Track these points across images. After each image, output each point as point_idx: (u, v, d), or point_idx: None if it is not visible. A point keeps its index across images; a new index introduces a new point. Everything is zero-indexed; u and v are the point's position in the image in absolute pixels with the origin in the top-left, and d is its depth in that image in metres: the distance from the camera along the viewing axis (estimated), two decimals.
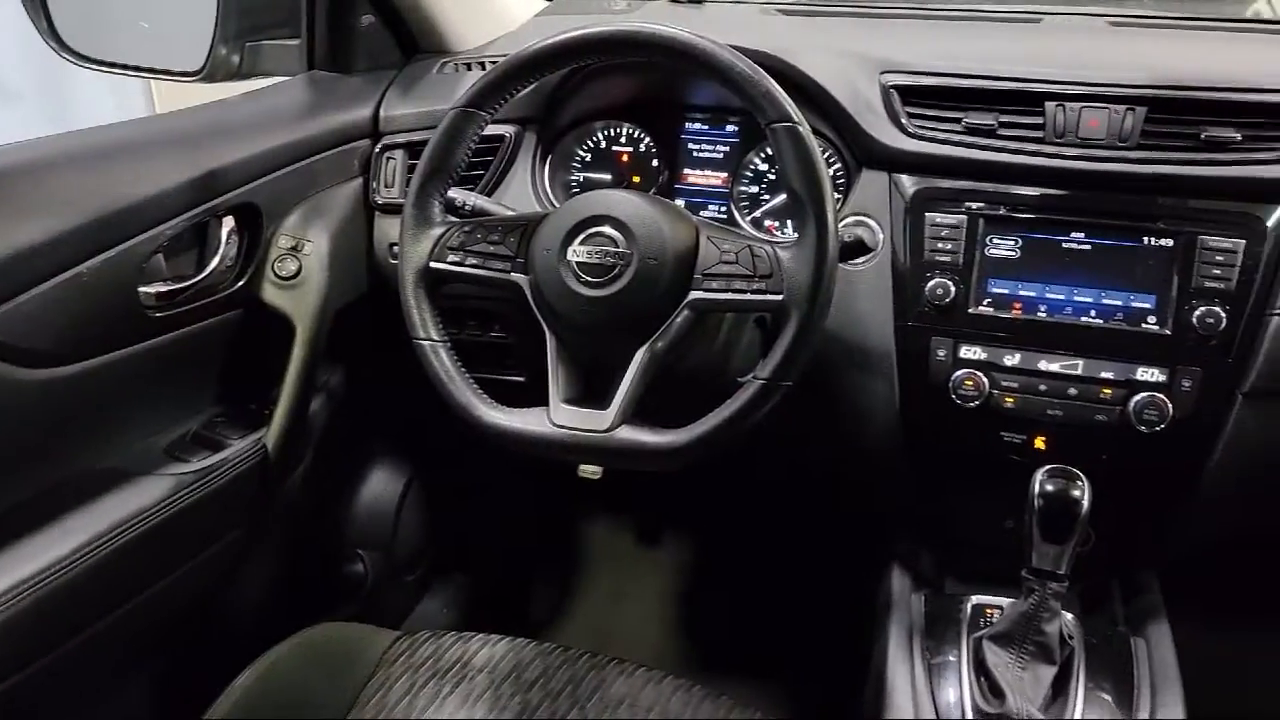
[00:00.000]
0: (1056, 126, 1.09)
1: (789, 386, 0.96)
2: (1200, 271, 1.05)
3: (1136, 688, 1.02)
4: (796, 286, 0.95)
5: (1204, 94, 1.07)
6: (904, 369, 1.15)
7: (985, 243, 1.12)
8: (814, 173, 0.94)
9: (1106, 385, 1.08)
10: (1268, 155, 1.04)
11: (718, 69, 0.96)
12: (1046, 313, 1.10)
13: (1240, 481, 1.09)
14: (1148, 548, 1.22)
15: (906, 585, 1.21)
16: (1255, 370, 1.05)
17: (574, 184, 1.35)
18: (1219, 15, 1.33)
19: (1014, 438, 1.13)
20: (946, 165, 1.13)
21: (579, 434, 0.97)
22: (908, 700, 1.02)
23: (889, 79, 1.16)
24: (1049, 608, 1.00)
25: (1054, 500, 0.99)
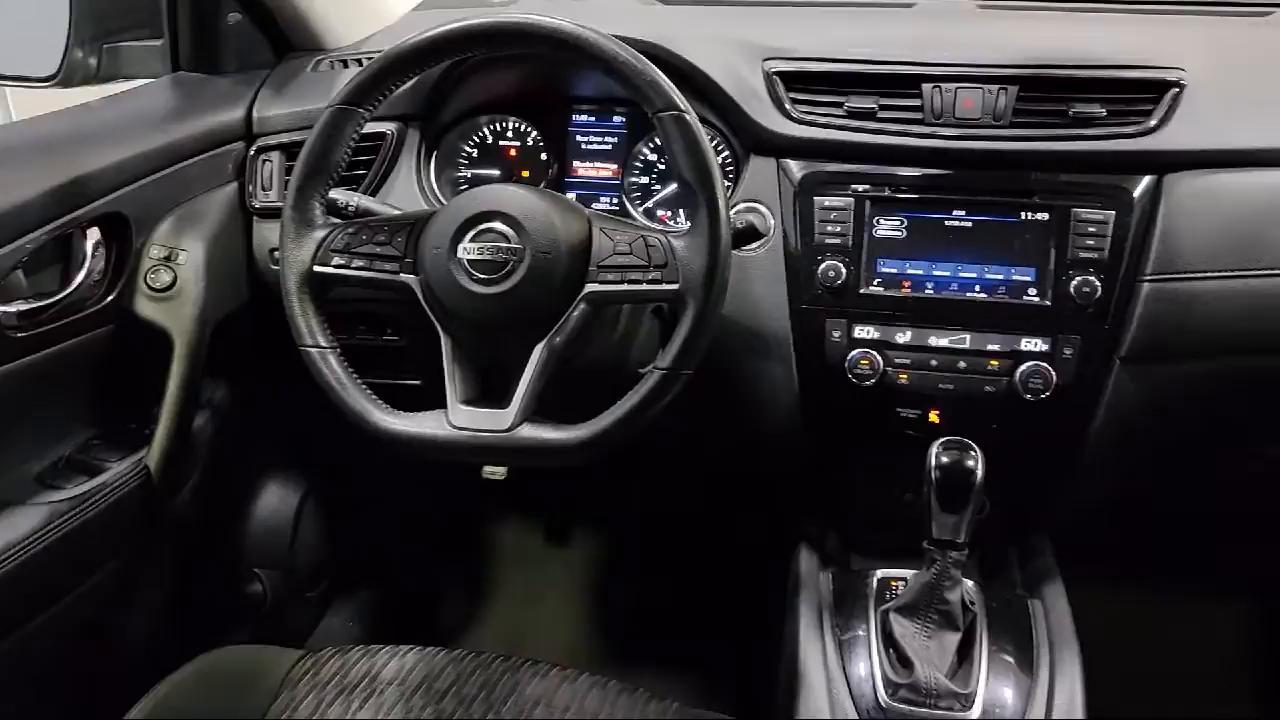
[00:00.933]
0: (934, 108, 1.12)
1: (689, 375, 0.96)
2: (1075, 243, 1.09)
3: (1036, 648, 1.06)
4: (691, 275, 0.95)
5: (1071, 72, 1.11)
6: (801, 351, 1.17)
7: (872, 224, 1.14)
8: (703, 161, 0.94)
9: (993, 357, 1.11)
10: (1131, 129, 1.09)
11: (602, 59, 0.95)
12: (934, 289, 1.13)
13: (1121, 443, 1.14)
14: (1040, 512, 1.27)
15: (814, 564, 1.22)
16: (1130, 335, 1.09)
17: (461, 180, 1.32)
18: None
19: (909, 413, 1.16)
20: (831, 149, 1.14)
21: (479, 435, 0.95)
22: (820, 677, 1.03)
23: (772, 65, 1.17)
24: (950, 576, 1.03)
25: (950, 471, 1.01)
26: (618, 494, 1.81)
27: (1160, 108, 1.09)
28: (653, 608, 1.79)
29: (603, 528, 1.88)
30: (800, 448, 1.23)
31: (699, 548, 1.78)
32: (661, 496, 1.79)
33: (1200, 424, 1.19)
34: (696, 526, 1.79)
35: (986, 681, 1.00)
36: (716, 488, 1.69)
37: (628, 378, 0.98)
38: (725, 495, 1.70)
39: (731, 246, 0.98)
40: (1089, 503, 1.25)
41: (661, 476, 1.74)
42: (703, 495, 1.74)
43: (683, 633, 1.72)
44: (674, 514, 1.80)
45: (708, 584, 1.74)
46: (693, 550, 1.78)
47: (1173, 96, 1.09)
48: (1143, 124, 1.09)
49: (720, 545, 1.75)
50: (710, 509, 1.75)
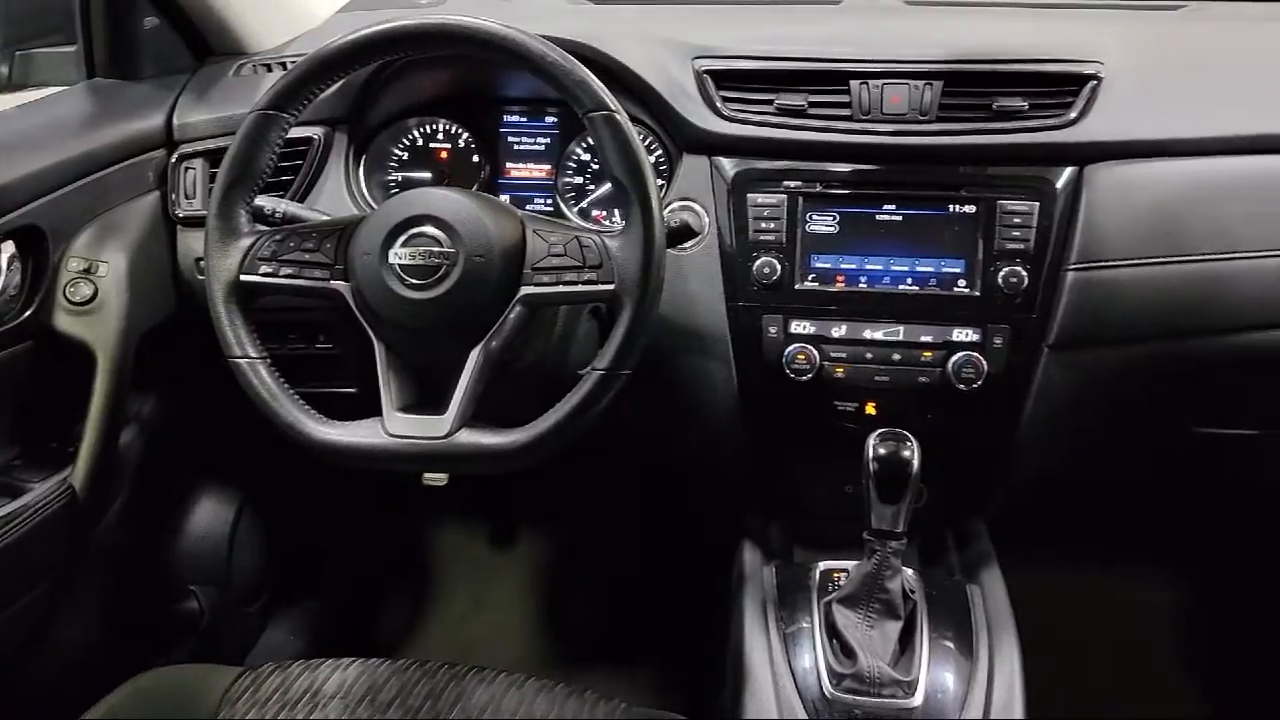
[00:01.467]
0: (862, 104, 1.13)
1: (628, 374, 0.96)
2: (1001, 235, 1.11)
3: (975, 632, 1.08)
4: (627, 275, 0.95)
5: (993, 66, 1.14)
6: (739, 348, 1.17)
7: (805, 220, 1.15)
8: (635, 160, 0.94)
9: (926, 349, 1.13)
10: (1052, 121, 1.11)
11: (529, 59, 0.95)
12: (867, 284, 1.14)
13: (1051, 428, 1.17)
14: (975, 498, 1.29)
15: (757, 559, 1.23)
16: (1057, 323, 1.12)
17: (392, 184, 1.30)
18: None
19: (846, 406, 1.17)
20: (763, 146, 1.15)
21: (417, 442, 0.94)
22: (765, 670, 1.04)
23: (702, 64, 1.18)
24: (890, 565, 1.04)
25: (887, 462, 1.03)
26: (562, 495, 1.81)
27: (1079, 100, 1.12)
28: (601, 609, 1.79)
29: (548, 530, 1.87)
30: (741, 443, 1.24)
31: (645, 546, 1.78)
32: (606, 496, 1.78)
33: (1126, 407, 1.23)
34: (642, 525, 1.79)
35: (928, 668, 1.02)
36: (659, 486, 1.69)
37: (567, 379, 0.98)
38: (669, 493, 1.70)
39: (666, 245, 0.99)
40: (1022, 487, 1.27)
41: (605, 476, 1.73)
42: (646, 494, 1.74)
43: (632, 632, 1.72)
44: (619, 513, 1.80)
45: (656, 582, 1.74)
46: (639, 549, 1.79)
47: (1091, 89, 1.12)
48: (1063, 116, 1.11)
49: (666, 543, 1.76)
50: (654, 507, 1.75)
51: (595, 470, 1.69)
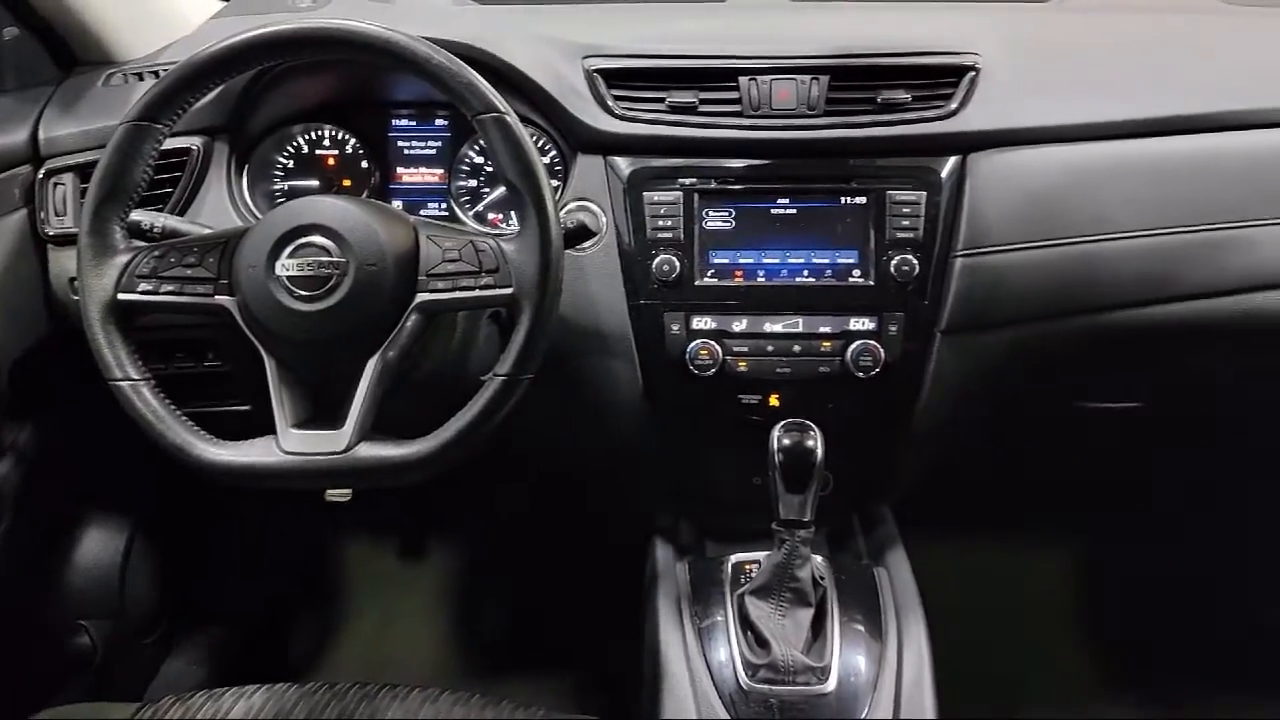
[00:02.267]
0: (752, 100, 1.14)
1: (531, 378, 0.95)
2: (892, 224, 1.14)
3: (884, 614, 1.10)
4: (525, 278, 0.94)
5: (877, 60, 1.16)
6: (642, 346, 1.17)
7: (702, 216, 1.15)
8: (527, 162, 0.93)
9: (825, 339, 1.15)
10: (934, 113, 1.14)
11: (413, 63, 0.93)
12: (765, 277, 1.16)
13: (946, 411, 1.20)
14: (879, 483, 1.32)
15: (670, 556, 1.23)
16: (948, 309, 1.15)
17: (278, 194, 1.26)
18: None
19: (750, 399, 1.18)
20: (656, 144, 1.16)
21: (313, 459, 0.92)
22: (681, 667, 1.04)
23: (592, 63, 1.17)
24: (800, 554, 1.05)
25: (791, 452, 1.04)
26: (471, 503, 1.78)
27: (959, 92, 1.15)
28: (515, 616, 1.77)
29: (458, 539, 1.84)
30: (648, 441, 1.24)
31: (557, 550, 1.77)
32: (515, 501, 1.77)
33: (1016, 386, 1.27)
34: (553, 529, 1.78)
35: (840, 652, 1.03)
36: (569, 488, 1.68)
37: (469, 386, 0.97)
38: (579, 495, 1.69)
39: (564, 246, 0.98)
40: (922, 469, 1.31)
41: (514, 481, 1.72)
42: (557, 497, 1.73)
43: (548, 638, 1.71)
44: (530, 518, 1.78)
45: (569, 586, 1.73)
46: (551, 553, 1.77)
47: (970, 80, 1.15)
48: (945, 107, 1.14)
49: (578, 545, 1.75)
50: (565, 510, 1.74)
51: (504, 475, 1.67)
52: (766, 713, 0.99)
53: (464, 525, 1.86)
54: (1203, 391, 1.41)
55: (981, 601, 1.65)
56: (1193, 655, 1.64)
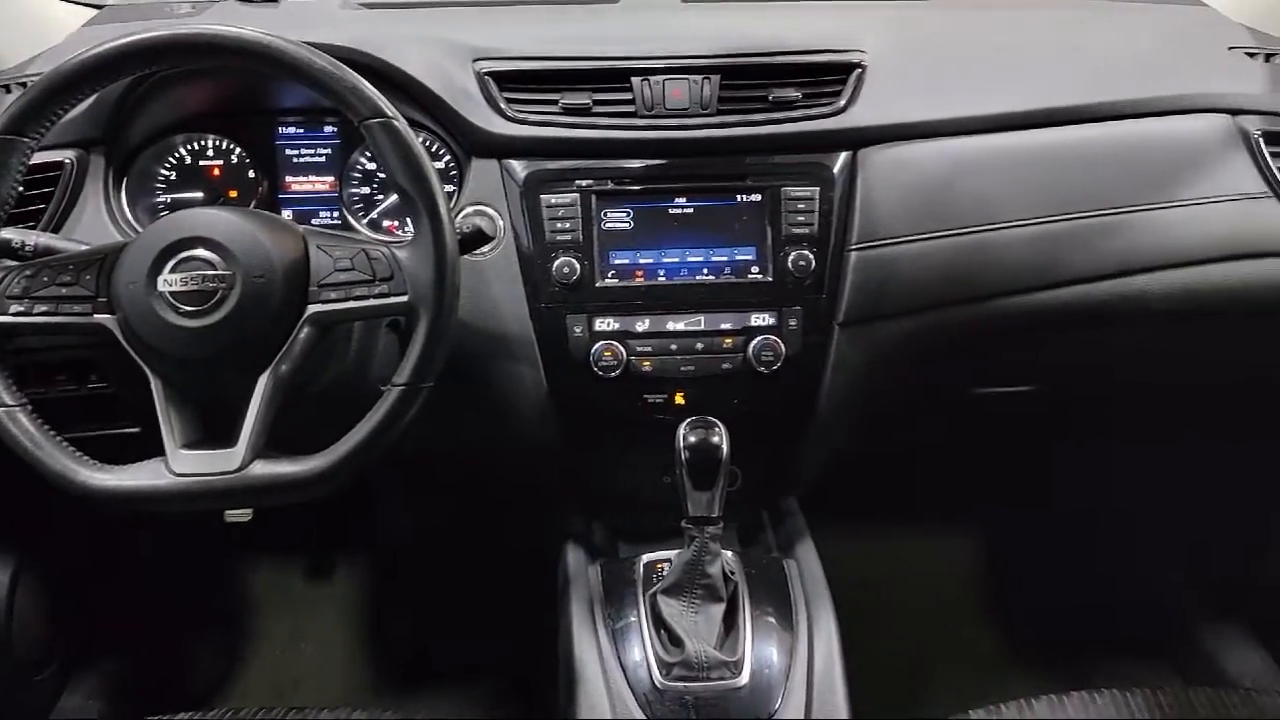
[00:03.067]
0: (645, 100, 1.15)
1: (431, 386, 0.93)
2: (787, 220, 1.15)
3: (794, 606, 1.11)
4: (420, 285, 0.92)
5: (767, 59, 1.18)
6: (545, 349, 1.17)
7: (600, 217, 1.15)
8: (418, 167, 0.92)
9: (727, 335, 1.16)
10: (824, 110, 1.17)
11: (294, 68, 0.91)
12: (666, 276, 1.16)
13: (847, 401, 1.22)
14: (786, 476, 1.34)
15: (581, 559, 1.23)
16: (845, 301, 1.17)
17: (160, 207, 1.22)
18: None
19: (656, 398, 1.18)
20: (551, 146, 1.15)
21: (206, 480, 0.89)
22: (596, 669, 1.04)
23: (483, 66, 1.16)
24: (710, 550, 1.06)
25: (697, 450, 1.04)
26: (378, 515, 1.75)
27: (847, 89, 1.17)
28: (429, 627, 1.74)
29: (366, 553, 1.81)
30: (556, 445, 1.24)
31: (469, 558, 1.75)
32: (424, 511, 1.74)
33: (913, 375, 1.30)
34: (464, 537, 1.75)
35: (752, 645, 1.04)
36: (478, 495, 1.66)
37: (369, 397, 0.94)
38: (488, 501, 1.67)
39: (460, 251, 0.97)
40: (827, 460, 1.33)
41: (421, 491, 1.69)
42: (466, 505, 1.71)
43: (462, 648, 1.68)
44: (440, 527, 1.76)
45: (483, 594, 1.71)
46: (463, 562, 1.75)
47: (856, 77, 1.18)
48: (834, 104, 1.17)
49: (490, 552, 1.73)
50: (474, 517, 1.72)
51: (412, 485, 1.65)
52: (682, 710, 0.99)
53: (372, 538, 1.83)
54: (1089, 372, 1.46)
55: (889, 586, 1.69)
56: (1089, 626, 1.71)
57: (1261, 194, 1.20)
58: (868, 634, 1.18)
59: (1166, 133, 1.22)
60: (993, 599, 1.82)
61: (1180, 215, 1.19)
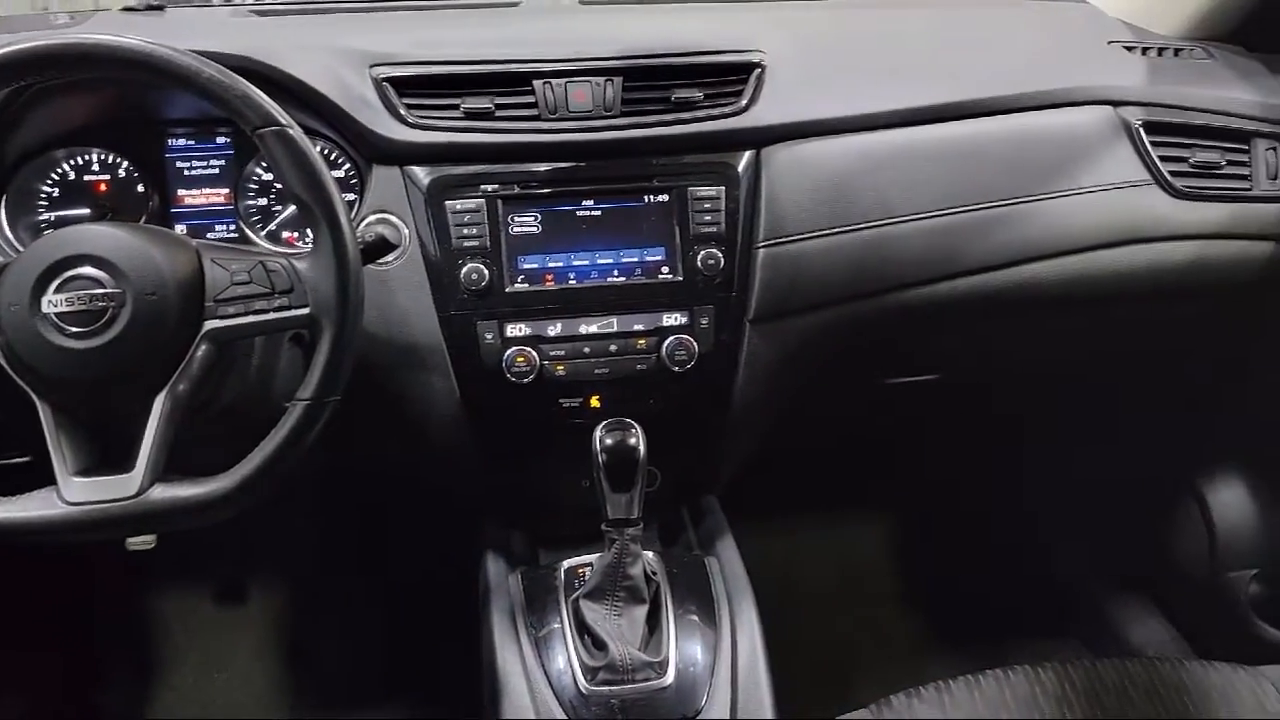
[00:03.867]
0: (548, 103, 1.14)
1: (337, 400, 0.91)
2: (695, 220, 1.16)
3: (717, 603, 1.12)
4: (322, 297, 0.90)
5: (668, 60, 1.18)
6: (456, 358, 1.15)
7: (508, 222, 1.14)
8: (315, 176, 0.90)
9: (640, 336, 1.16)
10: (726, 109, 1.17)
11: (181, 77, 0.88)
12: (576, 279, 1.16)
13: (762, 397, 1.24)
14: (705, 474, 1.34)
15: (502, 568, 1.21)
16: (755, 298, 1.18)
17: (43, 224, 1.16)
18: None
19: (571, 402, 1.18)
20: (454, 152, 1.13)
21: (101, 508, 0.85)
22: (519, 680, 1.03)
23: (380, 72, 1.14)
24: (630, 552, 1.06)
25: (614, 452, 1.04)
26: (292, 532, 1.70)
27: (748, 88, 1.19)
28: (350, 643, 1.70)
29: (281, 571, 1.76)
30: (472, 453, 1.22)
31: (389, 572, 1.71)
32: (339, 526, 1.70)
33: (824, 368, 1.32)
34: (382, 549, 1.72)
35: (677, 645, 1.04)
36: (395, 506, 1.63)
37: (273, 414, 0.92)
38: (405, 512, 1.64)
39: (364, 261, 0.95)
40: (744, 456, 1.34)
41: (334, 505, 1.65)
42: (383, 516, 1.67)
43: (384, 662, 1.65)
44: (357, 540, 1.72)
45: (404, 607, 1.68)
46: (383, 575, 1.71)
47: (757, 77, 1.19)
48: (735, 104, 1.18)
49: (410, 565, 1.70)
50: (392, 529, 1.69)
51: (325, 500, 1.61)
52: (608, 714, 0.99)
53: (287, 555, 1.78)
54: (992, 358, 1.51)
55: (809, 579, 1.72)
56: (1002, 608, 1.76)
57: (1144, 181, 1.25)
58: (790, 627, 1.19)
59: (1053, 125, 1.27)
60: (909, 586, 1.86)
61: (1069, 204, 1.24)
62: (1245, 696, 0.96)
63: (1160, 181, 1.25)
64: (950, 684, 0.98)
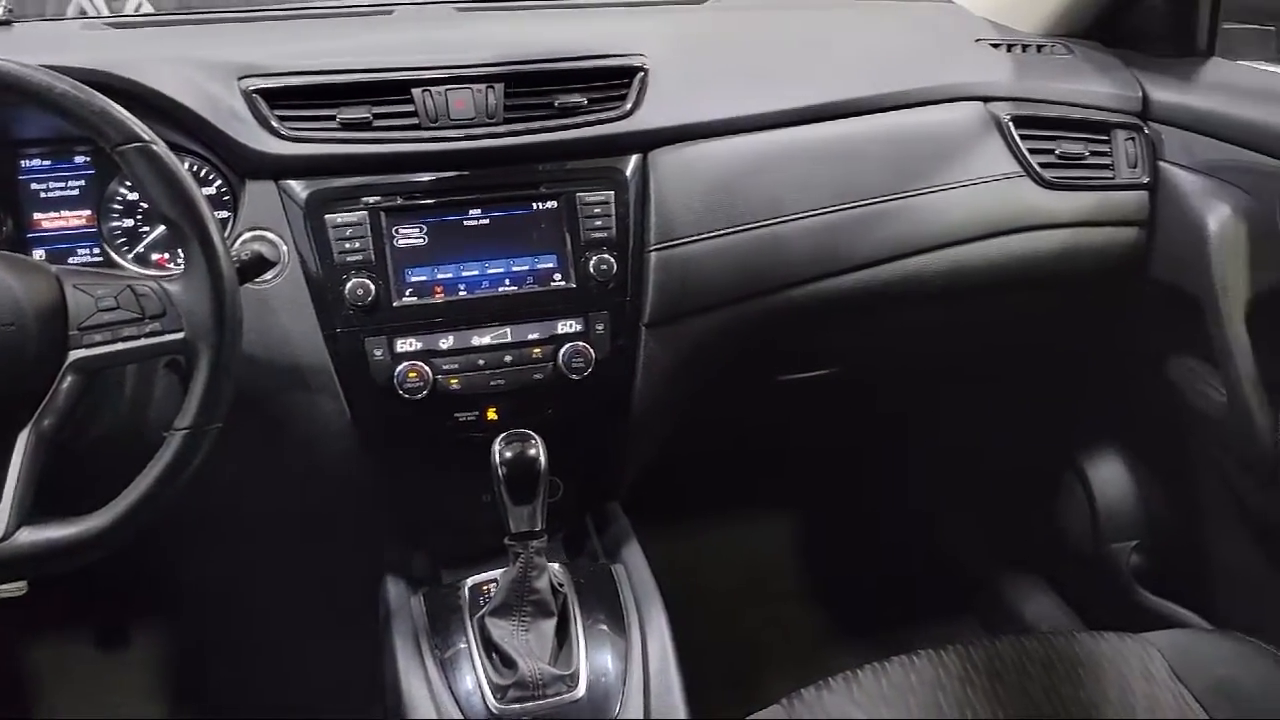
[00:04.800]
0: (428, 111, 1.12)
1: (218, 427, 0.87)
2: (585, 226, 1.15)
3: (625, 610, 1.11)
4: (197, 320, 0.86)
5: (550, 66, 1.17)
6: (345, 377, 1.11)
7: (392, 235, 1.11)
8: (183, 193, 0.86)
9: (535, 345, 1.14)
10: (611, 114, 1.17)
11: (31, 94, 0.83)
12: (467, 290, 1.13)
13: (661, 401, 1.24)
14: (607, 481, 1.34)
15: (403, 590, 1.18)
16: (649, 302, 1.18)
17: None
18: None
19: (467, 416, 1.15)
20: (332, 164, 1.10)
21: None
22: (426, 704, 1.00)
23: (249, 84, 1.10)
24: (535, 565, 1.04)
25: (514, 464, 1.03)
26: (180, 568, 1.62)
27: (631, 92, 1.18)
28: (247, 680, 1.62)
29: (171, 610, 1.67)
30: (365, 474, 1.18)
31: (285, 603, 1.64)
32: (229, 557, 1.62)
33: (721, 368, 1.33)
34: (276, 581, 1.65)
35: (587, 656, 1.03)
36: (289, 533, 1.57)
37: (151, 445, 0.87)
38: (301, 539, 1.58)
39: (241, 280, 0.91)
40: (646, 461, 1.34)
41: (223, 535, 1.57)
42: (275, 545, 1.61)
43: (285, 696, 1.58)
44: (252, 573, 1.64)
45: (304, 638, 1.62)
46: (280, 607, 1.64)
47: (640, 81, 1.19)
48: (620, 108, 1.17)
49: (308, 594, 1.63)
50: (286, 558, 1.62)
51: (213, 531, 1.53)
52: None
53: (176, 593, 1.69)
54: (880, 354, 1.54)
55: (717, 578, 1.73)
56: (903, 595, 1.80)
57: (1015, 174, 1.30)
58: (699, 629, 1.19)
59: (929, 122, 1.30)
60: (813, 581, 1.89)
61: (947, 198, 1.27)
62: (1134, 663, 1.00)
63: (1030, 173, 1.30)
64: (858, 673, 1.00)
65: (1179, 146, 1.32)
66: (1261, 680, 0.98)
